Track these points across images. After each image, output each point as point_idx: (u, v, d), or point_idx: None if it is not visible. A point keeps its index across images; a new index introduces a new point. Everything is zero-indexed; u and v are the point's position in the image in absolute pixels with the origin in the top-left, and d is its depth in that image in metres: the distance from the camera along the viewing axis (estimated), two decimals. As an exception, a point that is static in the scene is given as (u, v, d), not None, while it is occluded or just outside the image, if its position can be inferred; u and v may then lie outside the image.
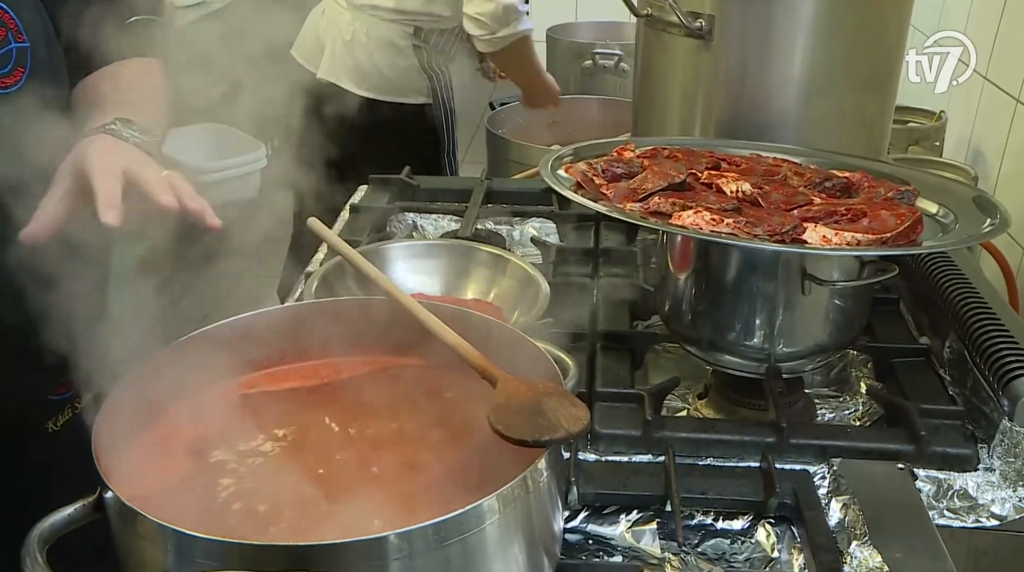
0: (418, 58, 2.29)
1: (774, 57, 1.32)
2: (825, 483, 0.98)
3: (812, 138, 1.31)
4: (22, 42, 0.96)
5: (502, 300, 1.25)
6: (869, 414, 1.16)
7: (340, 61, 2.30)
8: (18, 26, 0.95)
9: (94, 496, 0.73)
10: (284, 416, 0.88)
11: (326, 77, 2.30)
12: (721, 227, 1.00)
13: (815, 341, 1.10)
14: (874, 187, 1.11)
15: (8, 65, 0.95)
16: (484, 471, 0.79)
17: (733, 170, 1.16)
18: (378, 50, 2.28)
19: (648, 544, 0.94)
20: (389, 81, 2.29)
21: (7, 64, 0.94)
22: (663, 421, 1.07)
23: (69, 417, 1.14)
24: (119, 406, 0.80)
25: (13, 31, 0.95)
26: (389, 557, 0.67)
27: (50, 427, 1.12)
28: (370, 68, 2.29)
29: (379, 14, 2.24)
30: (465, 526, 0.69)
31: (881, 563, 0.83)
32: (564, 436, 0.74)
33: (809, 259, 1.02)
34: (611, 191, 1.09)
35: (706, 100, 1.39)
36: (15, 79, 0.95)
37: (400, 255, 1.30)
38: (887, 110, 1.35)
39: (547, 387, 0.80)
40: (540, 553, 0.78)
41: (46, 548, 0.69)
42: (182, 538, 0.67)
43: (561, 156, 1.19)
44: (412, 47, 2.28)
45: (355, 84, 2.29)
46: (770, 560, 0.94)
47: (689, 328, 1.14)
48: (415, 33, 2.26)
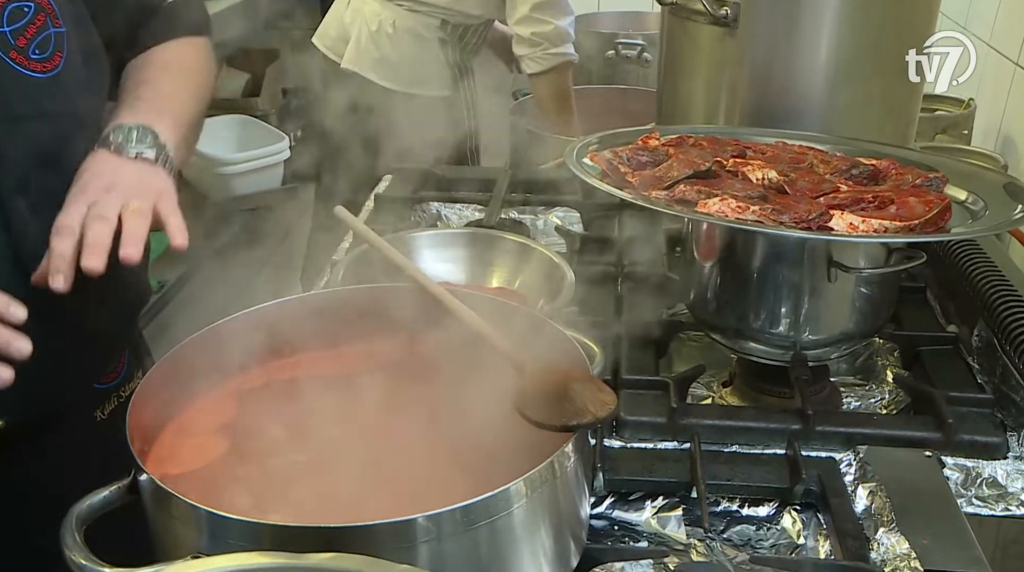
0: (443, 51, 2.29)
1: (800, 44, 1.31)
2: (851, 470, 0.98)
3: (838, 126, 1.30)
4: (59, 27, 0.98)
5: (527, 289, 1.25)
6: (895, 402, 1.16)
7: (365, 51, 2.31)
8: (55, 11, 0.97)
9: (129, 478, 0.75)
10: (312, 402, 0.89)
11: (350, 67, 2.31)
12: (747, 215, 1.00)
13: (841, 329, 1.10)
14: (902, 174, 1.10)
15: (48, 49, 0.96)
16: (511, 456, 0.79)
17: (759, 158, 1.16)
18: (404, 41, 2.29)
19: (673, 530, 0.94)
20: (413, 72, 2.30)
21: (47, 49, 0.96)
22: (688, 408, 1.07)
23: (115, 406, 1.16)
24: (152, 390, 0.82)
25: (51, 16, 0.97)
26: (418, 539, 0.68)
27: (98, 415, 1.14)
28: (395, 59, 2.29)
29: (407, 5, 2.24)
30: (493, 509, 0.70)
31: (908, 550, 0.83)
32: (592, 421, 0.74)
33: (836, 246, 1.02)
34: (636, 179, 1.09)
35: (731, 88, 1.38)
36: (55, 64, 0.97)
37: (425, 244, 1.30)
38: (915, 97, 1.34)
39: (574, 372, 0.80)
40: (567, 537, 0.79)
41: (83, 528, 0.71)
42: (215, 519, 0.68)
43: (586, 144, 1.19)
44: (438, 40, 2.28)
45: (379, 75, 2.30)
46: (796, 547, 0.94)
47: (714, 316, 1.14)
48: (441, 26, 2.26)
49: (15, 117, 0.94)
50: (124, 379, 1.18)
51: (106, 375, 1.16)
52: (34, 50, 0.95)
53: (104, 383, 1.15)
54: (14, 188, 0.95)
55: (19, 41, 0.94)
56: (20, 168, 0.95)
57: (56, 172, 0.96)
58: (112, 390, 1.16)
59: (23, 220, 0.95)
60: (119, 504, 0.75)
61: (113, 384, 1.17)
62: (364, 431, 0.86)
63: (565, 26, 2.20)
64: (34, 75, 0.95)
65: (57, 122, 0.98)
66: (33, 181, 0.96)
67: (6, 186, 0.94)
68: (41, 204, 0.95)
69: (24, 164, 0.95)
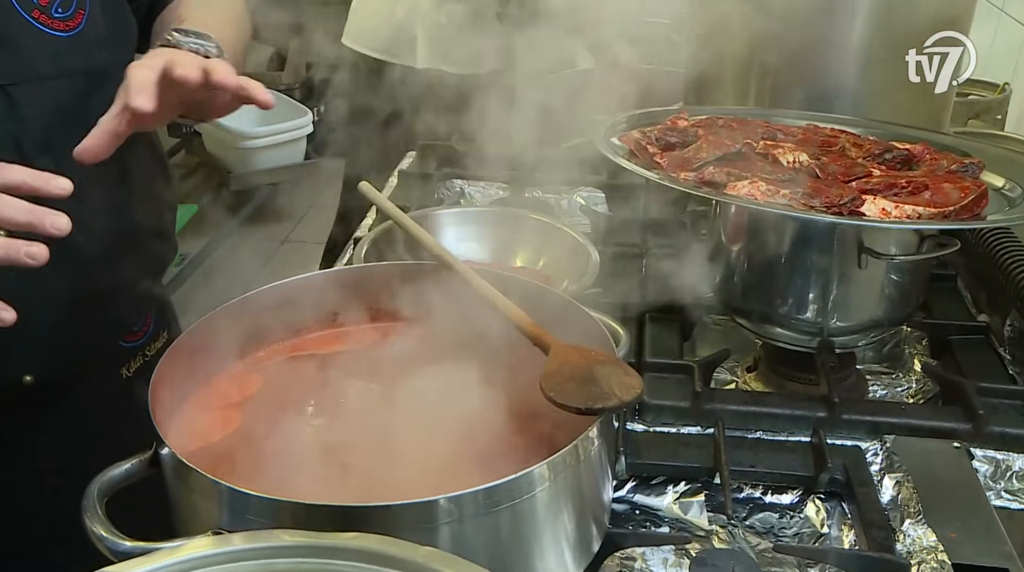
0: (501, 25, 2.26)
1: (833, 25, 1.29)
2: (878, 460, 0.97)
3: (871, 109, 1.28)
4: None
5: (551, 269, 1.24)
6: (923, 392, 1.14)
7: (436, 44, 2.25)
8: None
9: (150, 452, 0.74)
10: (333, 378, 0.89)
11: (432, 65, 2.25)
12: (777, 198, 0.98)
13: (870, 316, 1.08)
14: (936, 159, 1.08)
15: (71, 7, 0.96)
16: (535, 438, 0.79)
17: (790, 141, 1.14)
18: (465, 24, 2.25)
19: (695, 516, 0.94)
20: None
21: (70, 7, 0.96)
22: (712, 393, 1.06)
23: (140, 364, 1.17)
24: (174, 365, 0.81)
25: None
26: (439, 521, 0.67)
27: (123, 373, 1.15)
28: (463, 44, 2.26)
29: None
30: (515, 492, 0.69)
31: (936, 542, 0.81)
32: (617, 404, 0.73)
33: (866, 232, 1.00)
34: (665, 160, 1.08)
35: (761, 69, 1.36)
36: (77, 22, 0.97)
37: (449, 221, 1.29)
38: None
39: (600, 355, 0.79)
40: (589, 521, 0.78)
41: (104, 500, 0.70)
42: (235, 495, 0.67)
43: (614, 124, 1.18)
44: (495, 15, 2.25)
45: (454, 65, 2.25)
46: (819, 535, 0.93)
47: (740, 300, 1.13)
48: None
49: (38, 76, 0.94)
50: (150, 338, 1.19)
51: (132, 333, 1.16)
52: (56, 8, 0.95)
53: (130, 341, 1.16)
54: (39, 147, 0.95)
55: (42, 1, 0.93)
56: (44, 127, 0.95)
57: (81, 129, 0.96)
58: (138, 349, 1.17)
59: None
60: (140, 477, 0.75)
61: (139, 343, 1.17)
62: (386, 409, 0.85)
63: None
64: (57, 34, 0.95)
65: (80, 80, 0.98)
66: (57, 139, 0.95)
67: (30, 145, 0.94)
68: (66, 162, 0.95)
69: (48, 123, 0.95)
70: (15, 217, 0.79)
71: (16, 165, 0.82)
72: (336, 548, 0.61)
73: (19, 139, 0.94)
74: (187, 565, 0.59)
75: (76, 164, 0.92)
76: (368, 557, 0.61)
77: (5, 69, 0.92)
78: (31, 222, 0.79)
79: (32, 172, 0.81)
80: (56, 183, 0.81)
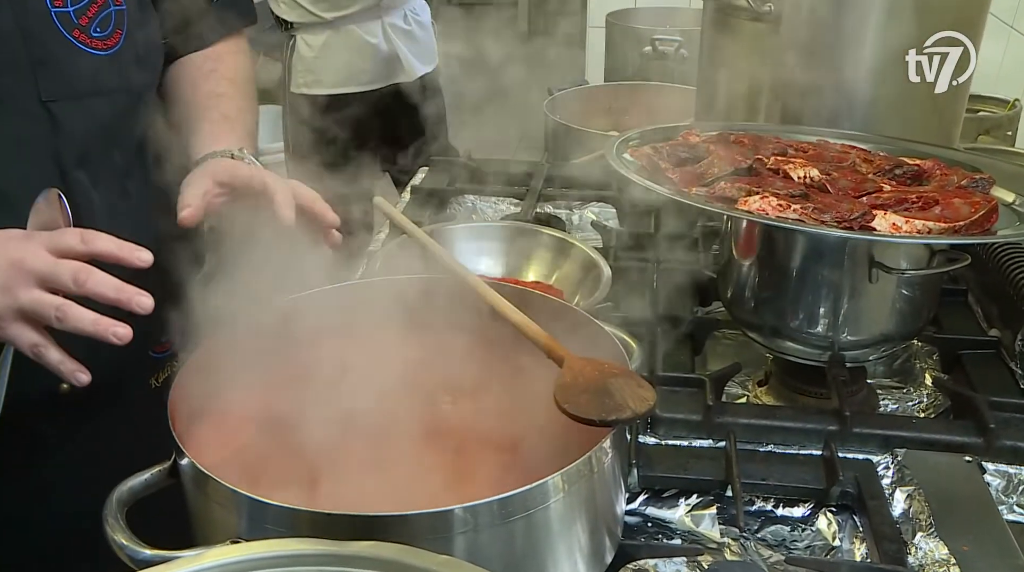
0: None
1: (844, 41, 1.30)
2: (889, 473, 0.97)
3: (880, 125, 1.29)
4: (119, 5, 1.00)
5: (564, 283, 1.25)
6: (934, 406, 1.14)
7: None
8: None
9: (169, 462, 0.75)
10: (351, 391, 0.90)
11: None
12: (788, 213, 0.99)
13: (880, 330, 1.09)
14: (947, 175, 1.09)
15: (109, 27, 0.99)
16: (548, 449, 0.79)
17: (800, 156, 1.14)
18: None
19: (707, 528, 0.94)
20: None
21: (108, 26, 0.99)
22: (724, 407, 1.06)
23: (168, 374, 1.18)
24: (193, 375, 0.82)
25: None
26: (455, 530, 0.68)
27: (152, 383, 1.17)
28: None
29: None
30: (530, 503, 0.70)
31: (948, 555, 0.82)
32: (631, 416, 0.74)
33: (877, 246, 1.01)
34: (677, 175, 1.09)
35: (772, 86, 1.37)
36: (115, 41, 1.00)
37: (463, 236, 1.31)
38: (961, 96, 1.32)
39: (613, 367, 0.80)
40: (602, 533, 0.79)
41: (125, 510, 0.71)
42: (254, 505, 0.68)
43: (627, 139, 1.19)
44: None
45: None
46: (831, 548, 0.93)
47: (752, 314, 1.13)
48: None
49: (77, 94, 0.97)
50: (178, 350, 1.20)
51: (161, 345, 1.18)
52: (96, 28, 0.97)
53: (159, 352, 1.18)
54: (76, 162, 0.98)
55: (82, 20, 0.96)
56: (82, 143, 0.98)
57: (116, 146, 0.99)
58: (167, 359, 1.19)
59: (85, 193, 0.99)
60: (160, 487, 0.76)
61: (168, 353, 1.19)
62: (400, 420, 0.86)
63: None
64: (95, 52, 0.98)
65: (117, 98, 1.01)
66: (94, 155, 0.99)
67: (68, 160, 0.97)
68: (101, 177, 0.98)
69: (86, 139, 0.98)
70: (106, 293, 0.81)
71: (103, 234, 0.84)
72: (353, 556, 0.62)
73: (58, 154, 0.97)
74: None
75: (111, 179, 0.95)
76: (385, 565, 0.61)
77: (47, 86, 0.95)
78: (119, 300, 0.82)
79: (118, 243, 0.83)
80: (139, 255, 0.84)
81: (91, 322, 0.81)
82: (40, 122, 0.95)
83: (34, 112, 0.95)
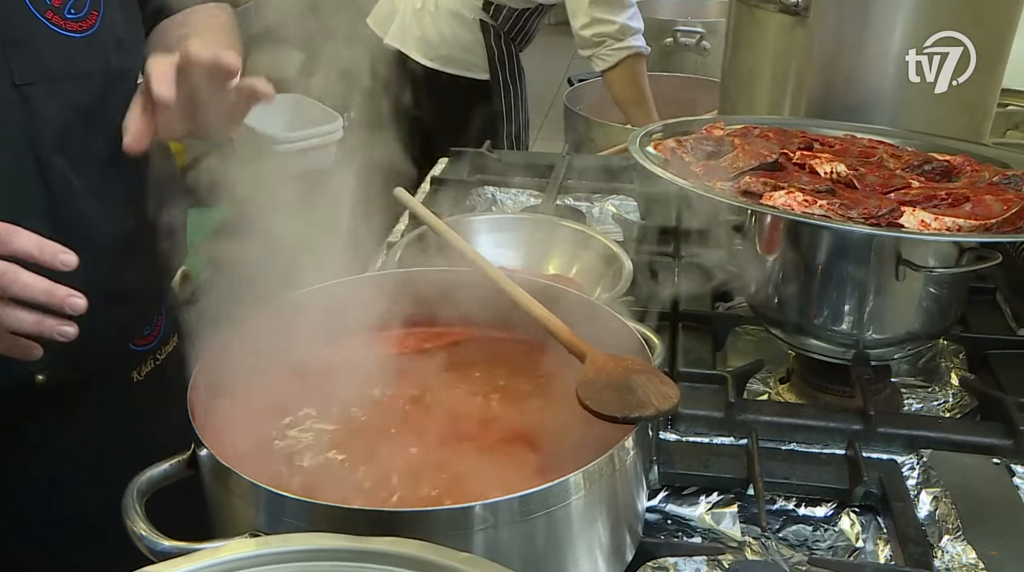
0: (483, 33, 2.28)
1: (872, 34, 1.27)
2: (914, 474, 0.96)
3: (909, 119, 1.27)
4: None
5: (584, 276, 1.24)
6: (959, 406, 1.13)
7: (409, 29, 2.31)
8: None
9: (188, 453, 0.75)
10: (370, 384, 0.89)
11: (393, 43, 2.32)
12: (814, 209, 0.97)
13: (906, 329, 1.07)
14: (977, 171, 1.07)
15: (84, 9, 0.96)
16: (569, 446, 0.78)
17: (827, 151, 1.13)
18: (445, 20, 2.28)
19: (728, 527, 0.93)
20: (452, 52, 2.29)
21: (83, 8, 0.96)
22: (746, 404, 1.05)
23: (151, 368, 1.17)
24: (213, 366, 0.82)
25: None
26: (474, 527, 0.67)
27: (134, 376, 1.15)
28: (435, 38, 2.29)
29: None
30: (550, 500, 0.69)
31: (975, 559, 0.80)
32: (654, 413, 0.73)
33: (905, 244, 0.99)
34: (701, 169, 1.07)
35: (798, 79, 1.35)
36: (91, 23, 0.97)
37: (482, 228, 1.30)
38: (992, 90, 1.29)
39: (636, 363, 0.79)
40: (623, 531, 0.78)
41: (144, 500, 0.71)
42: (273, 498, 0.68)
43: (650, 132, 1.17)
44: (479, 22, 2.27)
45: (420, 53, 2.30)
46: (854, 550, 0.92)
47: (775, 311, 1.12)
48: (484, 7, 2.25)
49: (52, 77, 0.94)
50: (160, 342, 1.19)
51: (142, 337, 1.16)
52: (69, 10, 0.95)
53: (140, 345, 1.16)
54: (53, 147, 0.95)
55: (55, 1, 0.94)
56: (59, 127, 0.95)
57: (95, 130, 0.96)
58: (149, 353, 1.17)
59: (64, 178, 0.96)
60: (178, 478, 0.75)
61: (150, 346, 1.17)
62: (420, 414, 0.85)
63: (626, 21, 2.19)
64: (70, 35, 0.95)
65: (94, 81, 0.98)
66: (72, 140, 0.96)
67: (45, 145, 0.95)
68: (80, 162, 0.95)
69: (63, 123, 0.96)
70: (36, 297, 0.81)
71: (25, 231, 0.82)
72: (373, 552, 0.61)
73: (34, 139, 0.94)
74: (228, 566, 0.59)
75: (91, 164, 0.92)
76: (404, 561, 0.61)
77: (19, 69, 0.92)
78: (51, 304, 0.81)
79: (39, 243, 0.82)
80: (62, 259, 0.82)
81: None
82: (14, 106, 0.92)
83: (7, 96, 0.92)
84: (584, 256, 1.26)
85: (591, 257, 1.24)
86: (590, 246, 1.25)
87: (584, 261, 1.25)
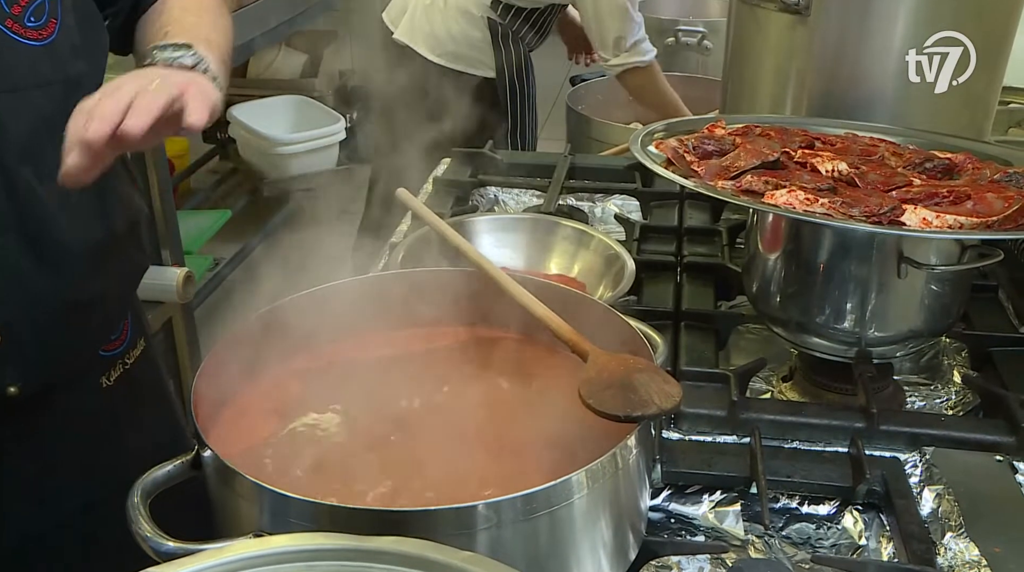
0: (491, 31, 2.28)
1: (873, 32, 1.27)
2: (917, 472, 0.96)
3: (910, 117, 1.27)
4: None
5: (586, 276, 1.24)
6: (962, 404, 1.12)
7: (418, 24, 2.32)
8: None
9: (192, 454, 0.75)
10: (372, 383, 0.89)
11: (402, 38, 2.32)
12: (815, 207, 0.97)
13: (909, 326, 1.07)
14: (979, 169, 1.07)
15: (43, 16, 0.95)
16: (572, 445, 0.78)
17: (828, 149, 1.13)
18: (453, 17, 2.28)
19: (731, 525, 0.93)
20: (459, 49, 2.30)
21: (42, 16, 0.95)
22: (749, 402, 1.05)
23: (120, 373, 1.16)
24: (216, 368, 0.82)
25: None
26: (478, 526, 0.67)
27: (104, 382, 1.14)
28: (443, 34, 2.29)
29: None
30: (554, 499, 0.69)
31: (979, 556, 0.80)
32: (656, 412, 0.73)
33: (907, 242, 0.99)
34: (703, 168, 1.07)
35: (799, 77, 1.35)
36: (50, 31, 0.96)
37: (484, 228, 1.30)
38: (994, 88, 1.29)
39: (638, 362, 0.79)
40: (626, 529, 0.78)
41: (148, 501, 0.71)
42: (276, 498, 0.68)
43: (652, 132, 1.17)
44: (487, 19, 2.27)
45: (428, 49, 2.30)
46: (857, 547, 0.92)
47: (777, 309, 1.12)
48: (492, 5, 2.25)
49: (14, 87, 0.93)
50: (128, 346, 1.18)
51: (110, 342, 1.15)
52: (29, 18, 0.93)
53: (108, 350, 1.15)
54: (19, 157, 0.94)
55: (14, 9, 0.92)
56: (24, 137, 0.94)
57: (60, 139, 0.95)
58: (117, 357, 1.16)
59: (29, 188, 0.95)
60: (182, 479, 0.75)
61: (118, 351, 1.16)
62: (423, 414, 0.86)
63: (637, 39, 2.24)
64: (30, 43, 0.94)
65: (55, 90, 0.96)
66: (37, 149, 0.95)
67: (10, 155, 0.93)
68: (47, 172, 0.93)
69: (28, 133, 0.94)
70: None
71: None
72: (376, 551, 0.61)
73: (0, 150, 0.93)
74: (233, 566, 0.59)
75: (57, 174, 0.91)
76: (408, 561, 0.61)
77: None
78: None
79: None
80: None
81: None
82: None
83: None
84: (586, 256, 1.26)
85: (593, 257, 1.25)
86: (592, 246, 1.26)
87: (586, 261, 1.26)
